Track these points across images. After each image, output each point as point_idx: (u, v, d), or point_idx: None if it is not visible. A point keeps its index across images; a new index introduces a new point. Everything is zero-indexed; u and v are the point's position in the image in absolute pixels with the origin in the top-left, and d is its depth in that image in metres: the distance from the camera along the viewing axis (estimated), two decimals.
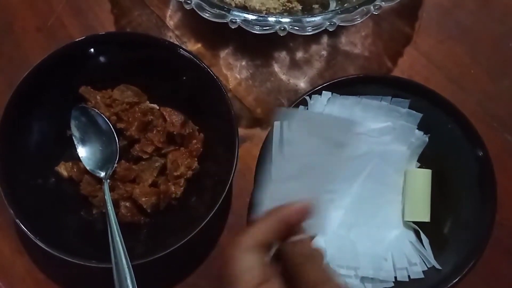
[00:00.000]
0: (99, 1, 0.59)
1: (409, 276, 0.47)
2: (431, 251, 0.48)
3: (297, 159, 0.33)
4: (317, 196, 0.32)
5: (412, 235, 0.49)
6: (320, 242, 0.47)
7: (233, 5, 0.51)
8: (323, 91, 0.49)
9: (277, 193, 0.32)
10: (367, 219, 0.50)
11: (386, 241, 0.49)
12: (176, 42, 0.56)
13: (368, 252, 0.48)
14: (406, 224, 0.50)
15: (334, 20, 0.45)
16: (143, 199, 0.48)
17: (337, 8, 0.51)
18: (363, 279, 0.46)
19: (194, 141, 0.51)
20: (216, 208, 0.45)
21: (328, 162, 0.33)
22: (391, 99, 0.50)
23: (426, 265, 0.47)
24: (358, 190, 0.50)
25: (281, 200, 0.32)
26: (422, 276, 0.47)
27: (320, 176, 0.33)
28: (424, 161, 0.51)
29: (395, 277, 0.47)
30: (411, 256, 0.48)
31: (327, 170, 0.33)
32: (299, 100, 0.49)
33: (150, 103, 0.53)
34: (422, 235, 0.49)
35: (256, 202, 0.33)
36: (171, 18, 0.58)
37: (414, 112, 0.50)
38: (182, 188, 0.50)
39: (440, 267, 0.47)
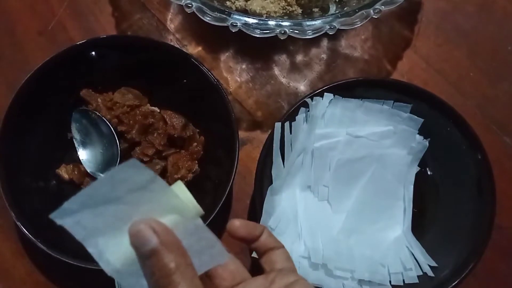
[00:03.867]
0: (100, 5, 0.59)
1: (403, 280, 0.47)
2: (429, 256, 0.48)
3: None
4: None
5: (411, 240, 0.49)
6: (318, 244, 0.47)
7: (234, 8, 0.51)
8: (325, 93, 0.49)
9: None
10: (368, 225, 0.49)
11: (384, 246, 0.49)
12: (176, 45, 0.57)
13: (366, 257, 0.48)
14: (406, 229, 0.50)
15: (334, 24, 0.46)
16: None
17: (337, 11, 0.52)
18: (360, 281, 0.46)
19: (195, 143, 0.51)
20: (216, 210, 0.45)
21: None
22: (393, 103, 0.50)
23: (421, 269, 0.47)
24: (359, 194, 0.50)
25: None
26: (416, 281, 0.47)
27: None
28: (424, 164, 0.51)
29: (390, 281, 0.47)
30: (406, 262, 0.47)
31: None
32: (300, 103, 0.49)
33: (151, 106, 0.53)
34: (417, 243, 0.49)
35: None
36: (172, 21, 0.59)
37: (416, 117, 0.50)
38: None
39: (432, 274, 0.47)
